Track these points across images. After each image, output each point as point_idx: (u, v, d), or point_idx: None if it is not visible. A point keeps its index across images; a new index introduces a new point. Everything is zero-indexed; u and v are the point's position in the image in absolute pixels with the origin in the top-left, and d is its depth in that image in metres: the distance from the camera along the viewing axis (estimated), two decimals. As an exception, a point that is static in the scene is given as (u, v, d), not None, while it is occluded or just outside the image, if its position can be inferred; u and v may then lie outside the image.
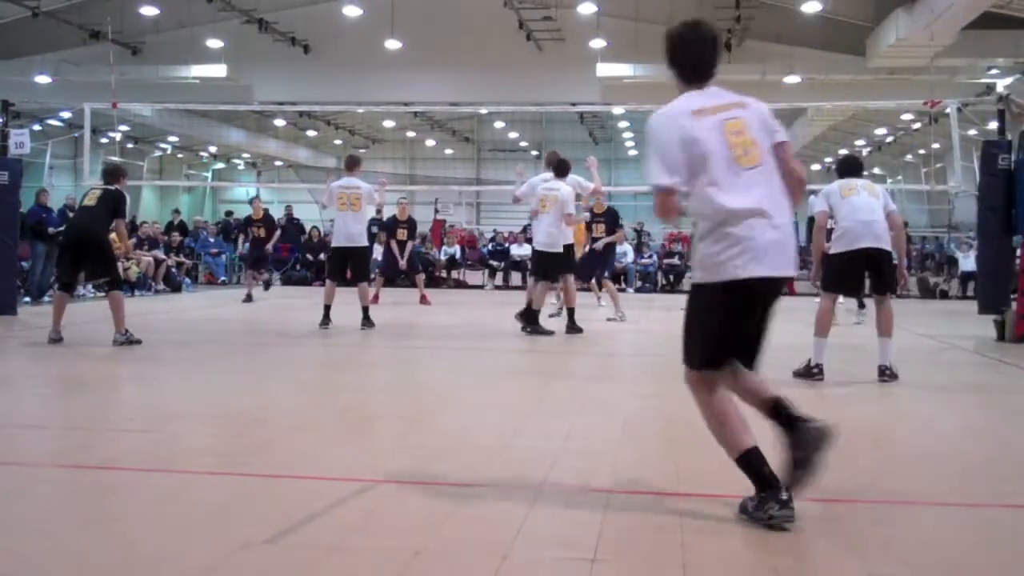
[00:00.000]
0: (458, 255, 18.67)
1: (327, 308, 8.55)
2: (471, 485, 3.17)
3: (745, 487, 2.75)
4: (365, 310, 8.62)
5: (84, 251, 7.17)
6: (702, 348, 2.88)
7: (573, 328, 8.29)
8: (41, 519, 2.77)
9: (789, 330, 5.98)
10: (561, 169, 8.47)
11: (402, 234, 12.75)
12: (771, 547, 2.55)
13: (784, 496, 2.68)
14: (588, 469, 3.46)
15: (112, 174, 7.59)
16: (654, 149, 2.89)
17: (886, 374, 5.59)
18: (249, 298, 12.37)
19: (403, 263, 12.69)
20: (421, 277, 13.09)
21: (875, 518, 2.89)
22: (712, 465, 3.55)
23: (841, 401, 5.17)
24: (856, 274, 5.76)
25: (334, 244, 8.84)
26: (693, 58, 2.99)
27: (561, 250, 8.27)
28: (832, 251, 5.76)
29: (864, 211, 5.62)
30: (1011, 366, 6.82)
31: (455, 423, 4.45)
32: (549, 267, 8.31)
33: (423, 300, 12.16)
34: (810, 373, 5.64)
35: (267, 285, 14.13)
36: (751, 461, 2.78)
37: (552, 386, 5.54)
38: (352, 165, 9.04)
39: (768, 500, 2.68)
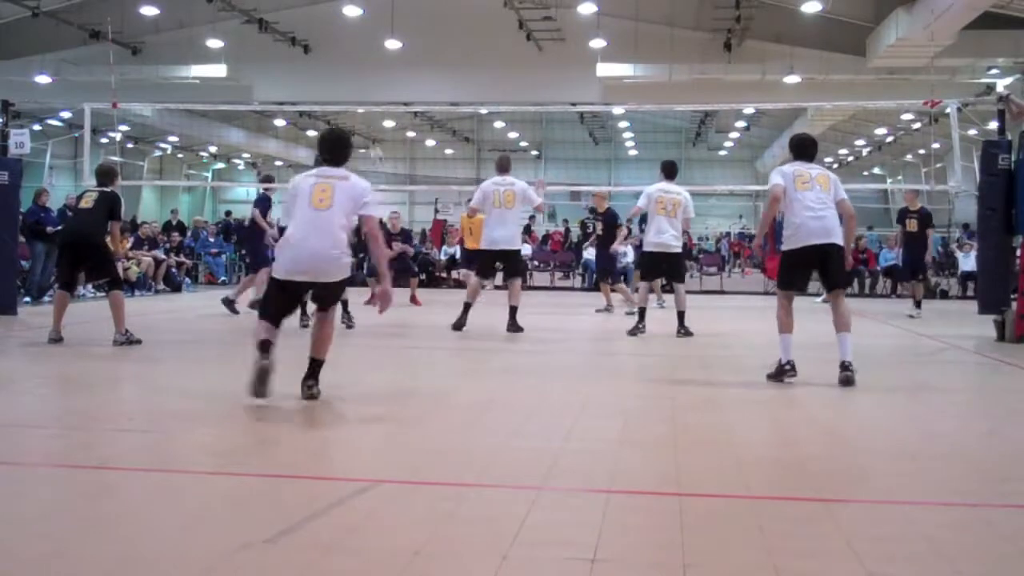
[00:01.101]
0: (458, 255, 18.65)
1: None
2: (471, 485, 3.17)
3: (745, 487, 2.74)
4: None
5: (83, 253, 7.18)
6: None
7: (514, 327, 8.31)
8: (41, 519, 2.77)
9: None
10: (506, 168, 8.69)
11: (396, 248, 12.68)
12: (771, 547, 2.55)
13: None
14: (588, 469, 3.46)
15: (106, 175, 7.61)
16: None
17: (849, 370, 5.51)
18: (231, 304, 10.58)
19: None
20: (415, 280, 13.00)
21: (875, 518, 2.89)
22: (712, 465, 3.56)
23: (841, 401, 5.17)
24: (807, 270, 5.82)
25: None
26: None
27: (519, 248, 8.60)
28: (785, 248, 5.77)
29: (816, 206, 5.61)
30: (1011, 366, 6.82)
31: (455, 423, 4.45)
32: (506, 265, 8.51)
33: (413, 300, 12.04)
34: (783, 372, 5.59)
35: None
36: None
37: (552, 386, 5.54)
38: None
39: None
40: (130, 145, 31.69)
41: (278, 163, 36.56)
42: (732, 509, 2.95)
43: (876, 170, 40.40)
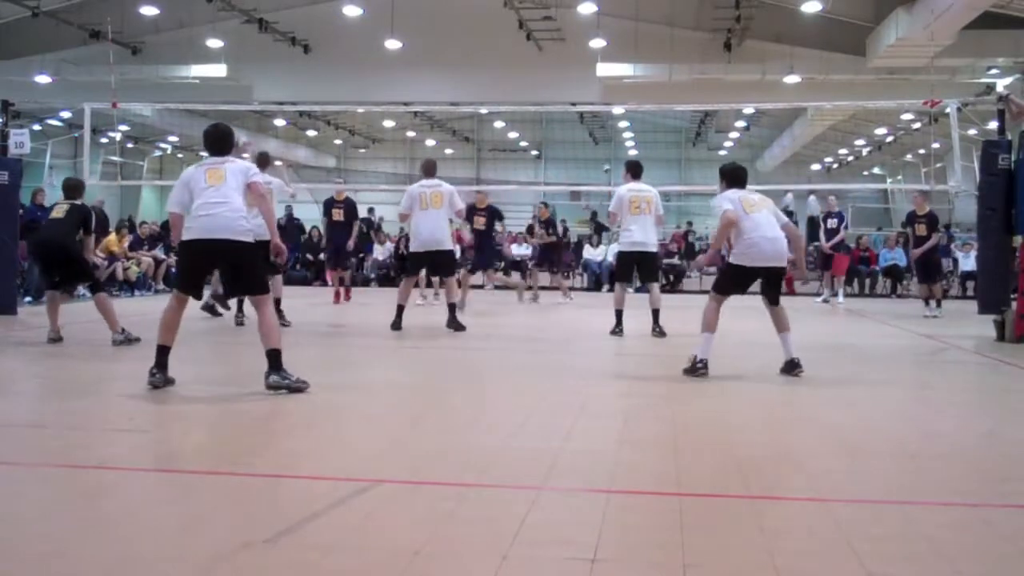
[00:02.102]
0: (458, 255, 18.65)
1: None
2: (471, 485, 3.17)
3: (745, 487, 2.74)
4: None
5: (54, 261, 7.19)
6: None
7: (455, 324, 8.42)
8: (41, 519, 2.77)
9: (792, 329, 6.00)
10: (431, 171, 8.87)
11: (338, 214, 12.25)
12: (771, 547, 2.55)
13: None
14: (588, 469, 3.46)
15: (74, 189, 7.62)
16: None
17: (799, 366, 5.78)
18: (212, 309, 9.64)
19: (351, 242, 12.17)
20: (347, 273, 12.77)
21: (875, 518, 2.89)
22: (712, 465, 3.56)
23: (841, 401, 5.17)
24: (749, 284, 6.04)
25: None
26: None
27: (450, 248, 8.87)
28: (735, 261, 5.96)
29: (769, 228, 5.84)
30: (1011, 366, 6.82)
31: (455, 423, 4.45)
32: (438, 265, 8.70)
33: (337, 297, 11.42)
34: (695, 370, 5.72)
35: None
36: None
37: (552, 386, 5.54)
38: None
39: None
40: (130, 145, 31.68)
41: (278, 163, 36.48)
42: (732, 509, 2.95)
43: (876, 170, 40.38)
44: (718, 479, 3.34)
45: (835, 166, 40.16)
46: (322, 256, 18.28)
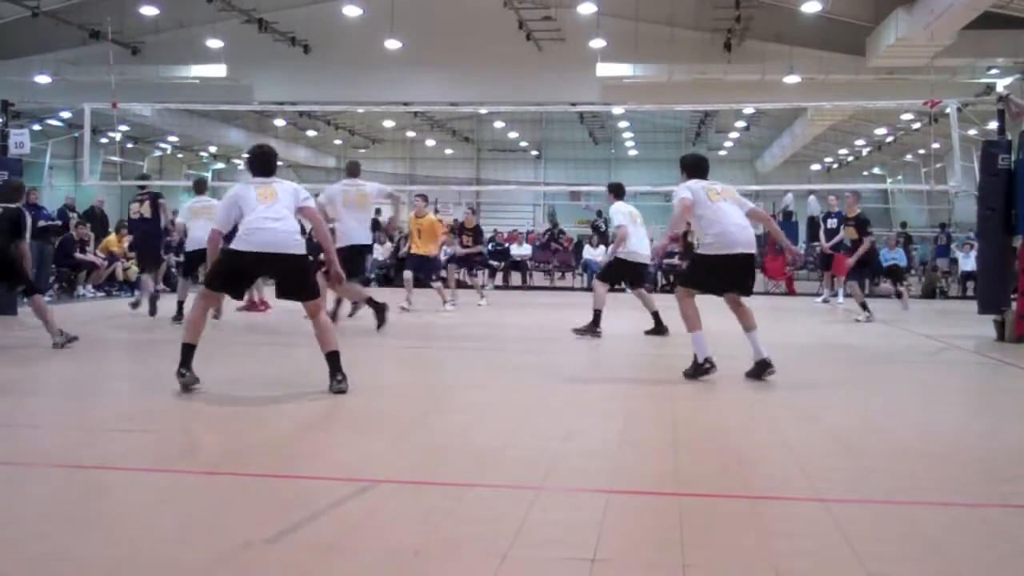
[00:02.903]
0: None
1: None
2: (471, 485, 3.17)
3: (745, 487, 2.74)
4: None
5: None
6: None
7: (355, 311, 8.89)
8: (41, 519, 2.77)
9: (791, 329, 6.05)
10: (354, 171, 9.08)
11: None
12: (771, 547, 2.55)
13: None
14: (588, 469, 3.46)
15: (16, 191, 7.48)
16: None
17: (771, 367, 5.60)
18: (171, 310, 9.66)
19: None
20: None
21: (875, 518, 2.89)
22: (712, 465, 3.56)
23: (841, 401, 5.17)
24: (727, 277, 5.79)
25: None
26: None
27: (369, 243, 9.22)
28: (705, 252, 5.87)
29: (736, 216, 5.78)
30: (1011, 366, 6.82)
31: (455, 423, 4.45)
32: (356, 264, 8.79)
33: (251, 305, 10.51)
34: (702, 370, 5.61)
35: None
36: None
37: (552, 386, 5.54)
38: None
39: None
40: (130, 145, 31.67)
41: (278, 163, 36.54)
42: (732, 509, 2.95)
43: (876, 170, 40.37)
44: (718, 479, 3.34)
45: (835, 166, 40.14)
46: (321, 256, 18.30)
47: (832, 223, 14.27)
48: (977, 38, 17.46)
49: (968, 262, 15.97)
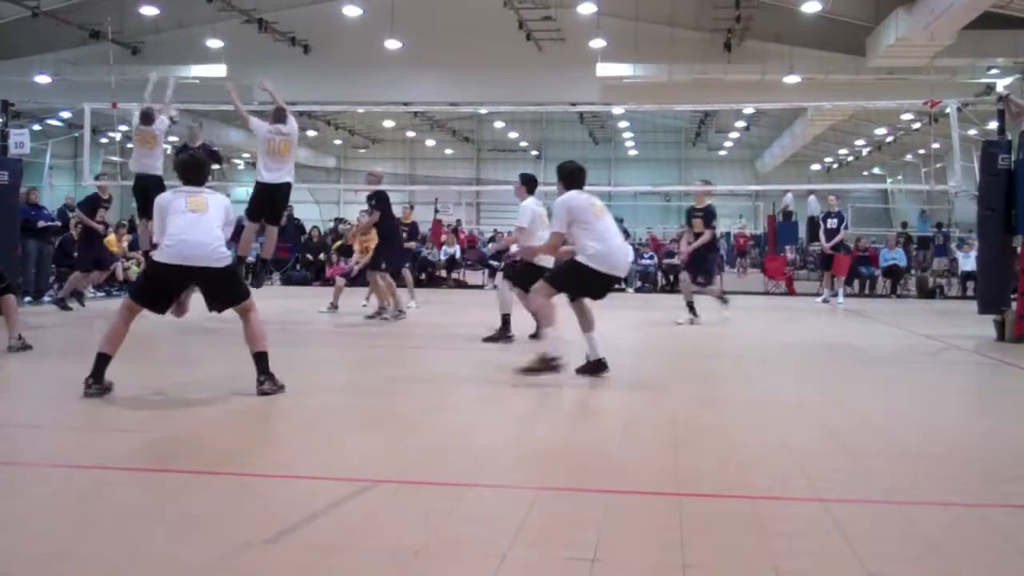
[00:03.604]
0: (458, 255, 18.67)
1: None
2: (471, 485, 3.17)
3: (745, 487, 2.74)
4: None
5: None
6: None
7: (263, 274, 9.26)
8: (41, 519, 2.77)
9: (791, 329, 6.05)
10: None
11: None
12: (771, 547, 2.55)
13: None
14: (588, 469, 3.46)
15: None
16: None
17: (607, 367, 5.64)
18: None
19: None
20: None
21: (875, 518, 2.89)
22: (712, 465, 3.56)
23: (841, 401, 5.17)
24: (595, 290, 5.72)
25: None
26: None
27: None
28: (588, 263, 5.57)
29: (618, 235, 5.74)
30: (1011, 366, 6.82)
31: (455, 423, 4.45)
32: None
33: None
34: (547, 366, 5.41)
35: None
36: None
37: (552, 386, 5.54)
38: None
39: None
40: (130, 145, 31.61)
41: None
42: (732, 509, 2.95)
43: (876, 170, 40.40)
44: (718, 479, 3.34)
45: (835, 166, 40.17)
46: (322, 256, 18.30)
47: (832, 223, 14.28)
48: (977, 38, 17.47)
49: (968, 262, 15.97)
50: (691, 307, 9.77)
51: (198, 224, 4.93)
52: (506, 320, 7.88)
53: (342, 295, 11.00)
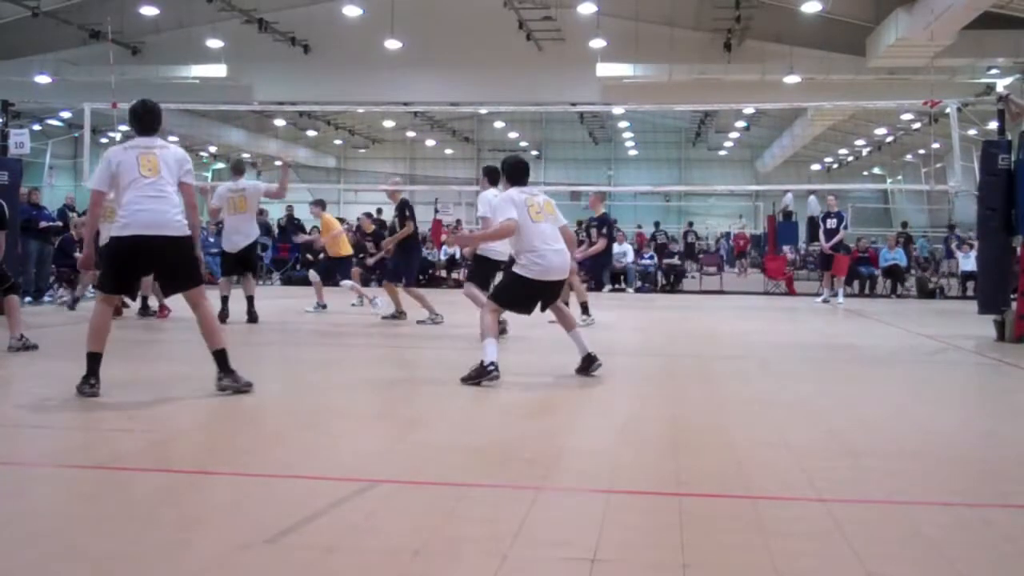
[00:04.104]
0: (458, 255, 18.66)
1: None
2: (471, 485, 3.17)
3: (745, 487, 2.74)
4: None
5: None
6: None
7: (252, 316, 9.16)
8: (41, 519, 2.77)
9: (791, 329, 6.06)
10: (239, 170, 9.63)
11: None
12: (771, 547, 2.55)
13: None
14: (588, 469, 3.46)
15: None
16: None
17: (595, 360, 5.68)
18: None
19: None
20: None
21: (875, 518, 2.89)
22: (712, 465, 3.56)
23: (841, 401, 5.17)
24: (542, 299, 5.65)
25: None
26: None
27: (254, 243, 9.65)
28: (522, 273, 5.55)
29: (554, 239, 5.58)
30: (1011, 366, 6.82)
31: (455, 423, 4.45)
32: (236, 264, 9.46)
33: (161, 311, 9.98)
34: (486, 373, 5.33)
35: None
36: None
37: (551, 386, 5.54)
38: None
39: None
40: (130, 145, 31.62)
41: (278, 163, 36.61)
42: (732, 509, 2.95)
43: (876, 170, 40.42)
44: (718, 479, 3.34)
45: (835, 166, 40.18)
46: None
47: (832, 223, 14.29)
48: (977, 38, 17.48)
49: (968, 262, 15.98)
50: (585, 307, 9.45)
51: (151, 189, 4.73)
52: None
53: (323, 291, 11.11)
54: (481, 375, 5.32)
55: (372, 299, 10.72)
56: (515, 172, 5.80)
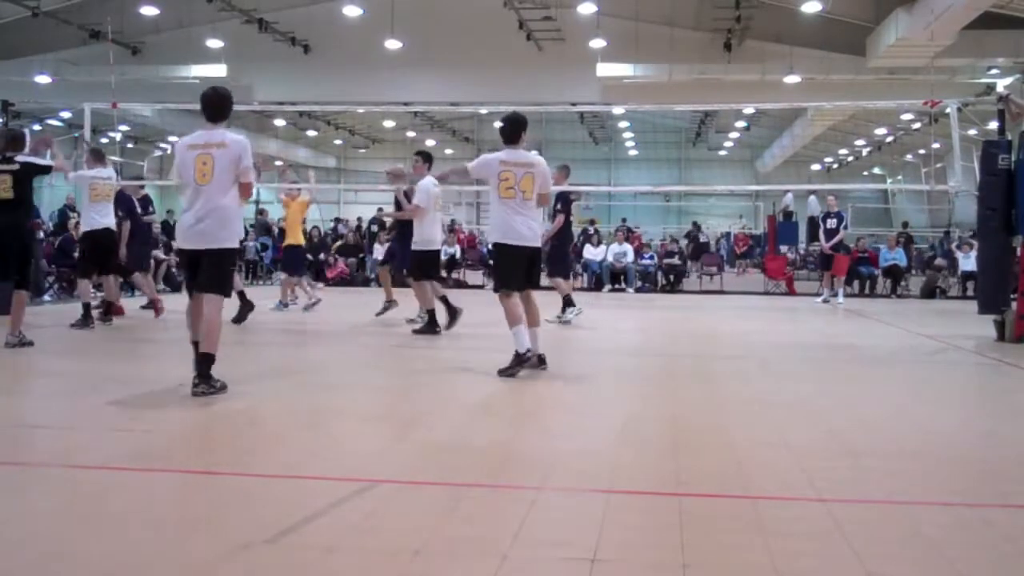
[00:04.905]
0: (458, 255, 18.67)
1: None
2: (471, 485, 3.17)
3: (745, 487, 2.73)
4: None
5: (9, 251, 6.67)
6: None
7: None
8: (41, 519, 2.77)
9: (791, 329, 6.05)
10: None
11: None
12: (771, 547, 2.55)
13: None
14: (588, 469, 3.46)
15: (15, 141, 6.80)
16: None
17: (544, 361, 5.78)
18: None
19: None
20: (141, 277, 10.83)
21: (875, 518, 2.89)
22: (712, 465, 3.56)
23: (841, 401, 5.17)
24: (521, 270, 5.76)
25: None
26: None
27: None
28: (501, 241, 5.68)
29: (518, 212, 5.65)
30: (1011, 366, 6.82)
31: (454, 423, 4.45)
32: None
33: (154, 306, 10.02)
34: (522, 361, 5.54)
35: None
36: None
37: (551, 386, 5.54)
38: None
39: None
40: (130, 145, 31.70)
41: (278, 163, 36.58)
42: (732, 509, 2.95)
43: (876, 170, 40.41)
44: (718, 479, 3.34)
45: (835, 166, 40.17)
46: (321, 256, 18.30)
47: (832, 223, 14.29)
48: (977, 38, 17.48)
49: (968, 262, 15.98)
50: (568, 303, 9.19)
51: (201, 202, 4.85)
52: (431, 314, 8.24)
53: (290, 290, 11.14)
54: (519, 363, 5.54)
55: (313, 301, 10.92)
56: (503, 133, 5.90)
